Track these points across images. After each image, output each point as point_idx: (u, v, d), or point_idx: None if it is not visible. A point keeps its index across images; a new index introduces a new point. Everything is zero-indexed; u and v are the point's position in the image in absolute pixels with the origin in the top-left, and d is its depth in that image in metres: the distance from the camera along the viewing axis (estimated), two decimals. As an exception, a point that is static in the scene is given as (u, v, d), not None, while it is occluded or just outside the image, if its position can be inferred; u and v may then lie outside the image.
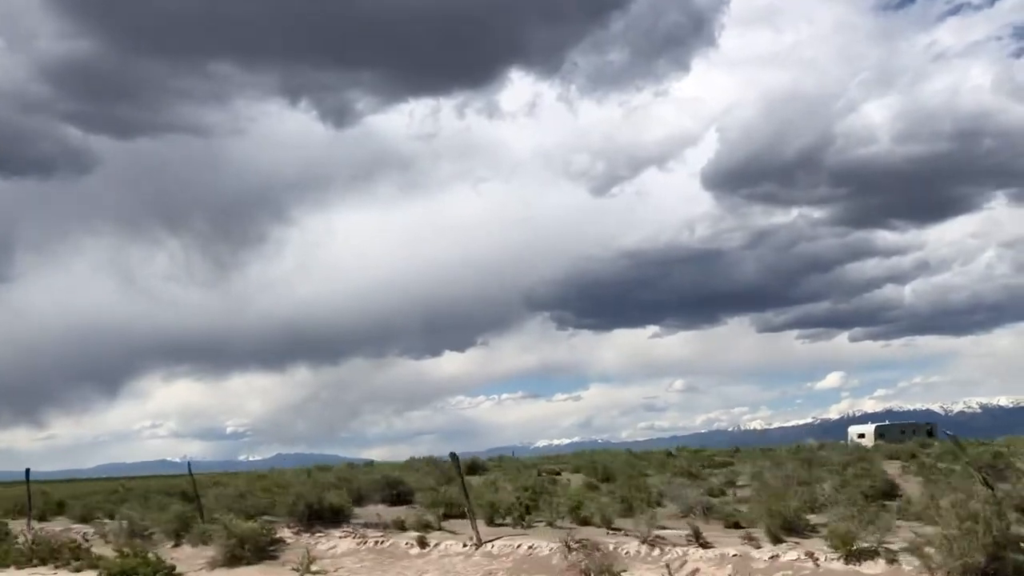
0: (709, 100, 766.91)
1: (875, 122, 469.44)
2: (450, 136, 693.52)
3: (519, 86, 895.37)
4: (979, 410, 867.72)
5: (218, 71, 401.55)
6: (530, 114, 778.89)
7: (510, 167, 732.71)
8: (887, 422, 62.55)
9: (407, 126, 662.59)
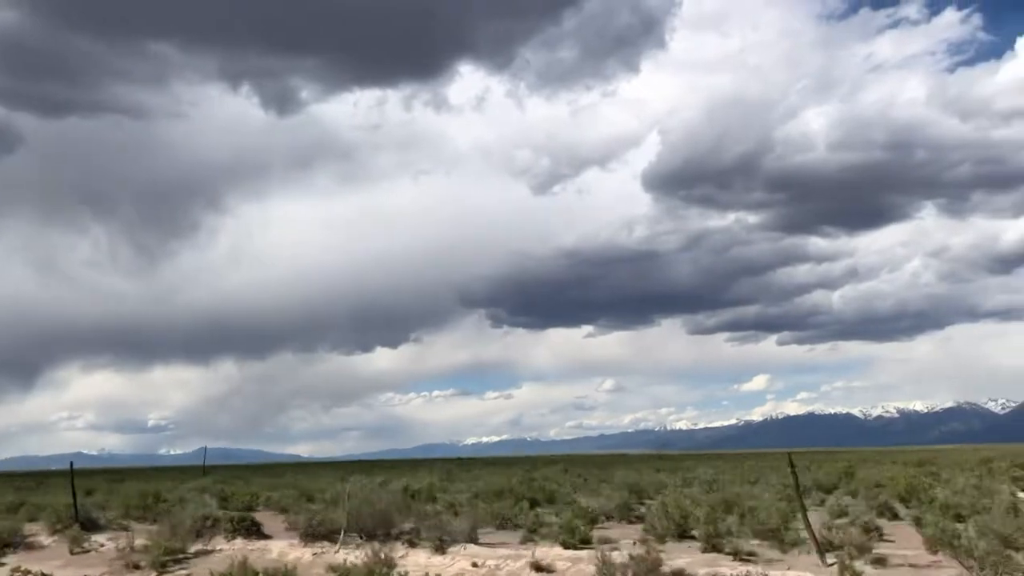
0: (654, 102, 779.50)
1: (813, 129, 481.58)
2: (394, 128, 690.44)
3: (469, 80, 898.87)
4: (896, 415, 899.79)
5: (157, 52, 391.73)
6: (478, 108, 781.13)
7: (453, 160, 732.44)
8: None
9: (351, 116, 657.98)
